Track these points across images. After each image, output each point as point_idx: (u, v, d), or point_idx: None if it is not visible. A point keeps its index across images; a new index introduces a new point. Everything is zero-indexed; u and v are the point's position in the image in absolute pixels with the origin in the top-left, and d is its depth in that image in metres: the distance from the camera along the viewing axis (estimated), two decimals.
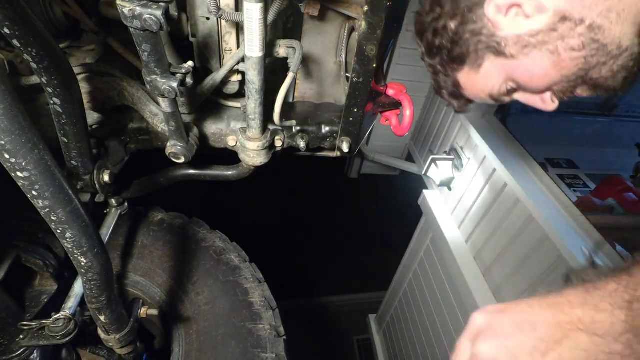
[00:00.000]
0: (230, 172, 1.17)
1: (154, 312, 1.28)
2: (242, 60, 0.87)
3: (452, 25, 0.72)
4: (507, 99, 0.80)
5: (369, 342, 4.58)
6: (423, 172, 3.05)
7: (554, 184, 2.20)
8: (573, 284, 0.53)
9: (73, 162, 0.96)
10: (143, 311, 1.25)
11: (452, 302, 2.83)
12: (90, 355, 1.41)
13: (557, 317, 0.51)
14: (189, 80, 0.80)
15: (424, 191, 3.24)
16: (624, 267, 0.51)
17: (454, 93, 0.85)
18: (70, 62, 0.80)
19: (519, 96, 0.79)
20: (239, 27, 0.93)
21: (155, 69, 0.74)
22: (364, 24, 0.82)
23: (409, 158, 3.88)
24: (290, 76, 0.92)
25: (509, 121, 3.20)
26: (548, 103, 0.76)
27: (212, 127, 1.08)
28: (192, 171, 1.18)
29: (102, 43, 1.01)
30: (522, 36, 0.67)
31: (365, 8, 0.80)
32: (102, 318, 1.03)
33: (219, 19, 0.91)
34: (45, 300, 1.17)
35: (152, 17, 0.62)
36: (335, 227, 5.08)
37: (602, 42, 0.64)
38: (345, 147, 1.08)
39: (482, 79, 0.77)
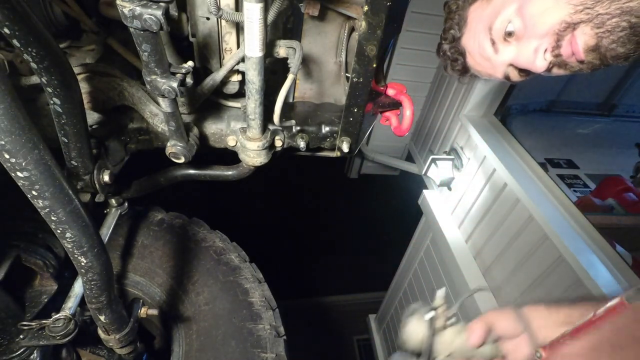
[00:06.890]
0: (230, 172, 1.16)
1: (154, 312, 1.28)
2: (242, 60, 0.87)
3: None
4: (502, 46, 0.84)
5: (369, 342, 4.58)
6: (423, 172, 3.06)
7: (554, 184, 2.21)
8: None
9: (73, 162, 0.96)
10: (143, 311, 1.25)
11: (451, 302, 2.83)
12: (90, 355, 1.41)
13: None
14: (189, 80, 0.80)
15: (424, 191, 3.24)
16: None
17: (455, 48, 0.94)
18: (70, 62, 0.80)
19: (513, 48, 0.83)
20: (239, 27, 0.93)
21: (155, 69, 0.74)
22: (364, 24, 0.82)
23: (409, 158, 3.88)
24: (290, 77, 0.91)
25: (509, 121, 3.21)
26: (539, 57, 0.79)
27: (212, 127, 1.08)
28: (192, 171, 1.18)
29: (102, 43, 1.01)
30: None
31: (365, 8, 0.80)
32: (102, 318, 1.03)
33: (219, 19, 0.91)
34: (45, 300, 1.17)
35: (152, 17, 0.62)
36: (335, 227, 5.08)
37: None
38: (345, 147, 1.08)
39: (492, 9, 0.83)
